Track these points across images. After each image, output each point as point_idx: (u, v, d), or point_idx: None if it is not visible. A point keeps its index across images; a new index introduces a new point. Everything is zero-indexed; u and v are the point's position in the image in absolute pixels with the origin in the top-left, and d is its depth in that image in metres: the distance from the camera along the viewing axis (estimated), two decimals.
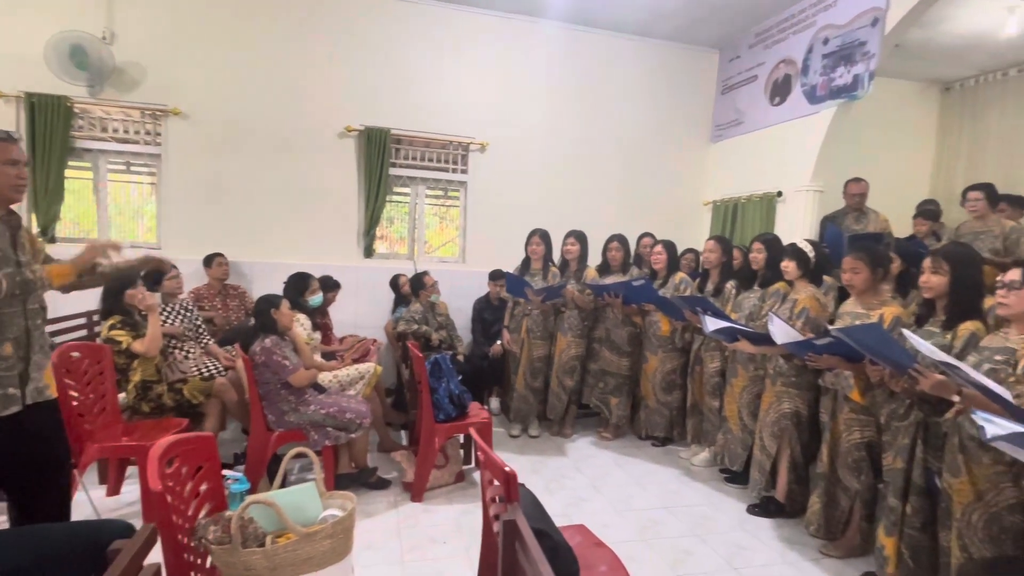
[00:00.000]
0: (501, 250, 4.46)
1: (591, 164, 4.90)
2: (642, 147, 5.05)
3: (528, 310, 3.68)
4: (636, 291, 3.38)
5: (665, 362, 3.56)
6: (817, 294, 2.71)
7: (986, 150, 4.65)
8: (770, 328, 2.45)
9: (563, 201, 4.79)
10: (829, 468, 2.49)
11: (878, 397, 2.31)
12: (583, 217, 4.58)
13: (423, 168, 4.55)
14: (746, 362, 3.02)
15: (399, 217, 4.65)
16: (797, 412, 2.71)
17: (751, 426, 2.99)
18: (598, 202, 4.89)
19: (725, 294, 3.28)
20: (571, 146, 4.84)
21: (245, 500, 1.42)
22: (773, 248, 2.99)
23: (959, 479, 1.83)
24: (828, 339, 2.16)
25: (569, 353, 3.68)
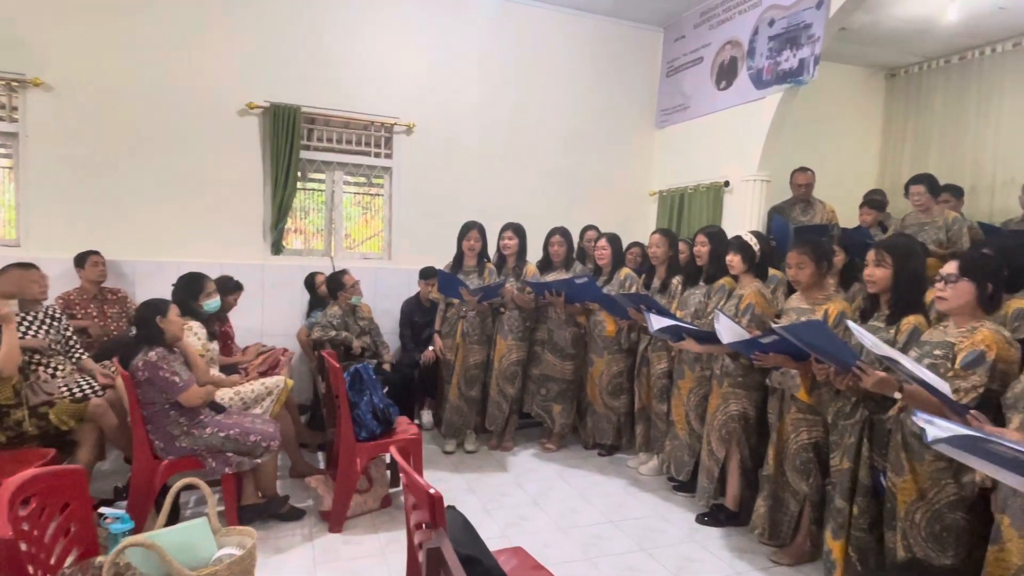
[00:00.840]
0: (432, 245, 4.42)
1: (530, 150, 4.93)
2: (584, 132, 5.10)
3: (463, 312, 3.65)
4: (579, 289, 3.39)
5: (611, 364, 3.59)
6: (763, 289, 2.79)
7: (930, 139, 5.00)
8: (716, 326, 2.50)
9: (500, 190, 4.80)
10: (776, 470, 2.58)
11: (824, 396, 2.39)
12: (522, 208, 4.59)
13: (341, 152, 4.44)
14: (692, 362, 3.08)
15: (315, 208, 4.53)
16: (745, 414, 2.79)
17: (699, 430, 3.05)
18: (538, 192, 4.93)
19: (671, 290, 3.35)
20: (508, 130, 4.85)
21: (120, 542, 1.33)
22: (718, 241, 3.05)
23: (902, 477, 1.93)
24: (773, 337, 2.22)
25: (510, 358, 3.69)
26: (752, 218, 4.19)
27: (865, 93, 5.46)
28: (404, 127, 4.53)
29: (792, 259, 2.48)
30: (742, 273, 2.82)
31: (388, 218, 4.62)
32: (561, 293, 3.49)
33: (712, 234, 3.12)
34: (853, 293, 2.86)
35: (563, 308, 3.62)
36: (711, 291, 3.06)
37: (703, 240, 3.12)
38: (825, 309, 2.41)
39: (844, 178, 5.11)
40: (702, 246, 3.12)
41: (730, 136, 4.49)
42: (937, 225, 3.55)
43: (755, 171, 4.23)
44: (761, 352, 2.36)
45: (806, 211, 4.24)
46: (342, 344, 3.62)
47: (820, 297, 2.48)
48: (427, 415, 4.13)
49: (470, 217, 3.78)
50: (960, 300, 1.84)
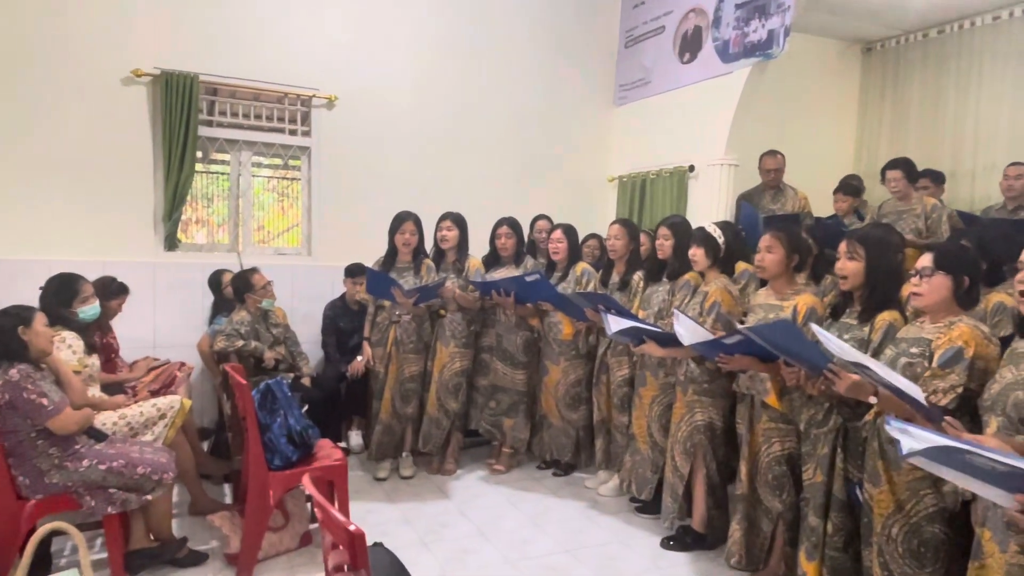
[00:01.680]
0: (360, 239, 4.36)
1: (473, 130, 4.94)
2: (535, 110, 5.12)
3: (396, 315, 3.62)
4: (531, 287, 3.40)
5: (569, 372, 3.62)
6: (729, 286, 2.83)
7: (908, 119, 5.23)
8: (675, 327, 2.52)
9: (439, 176, 4.80)
10: (749, 488, 2.61)
11: (796, 402, 2.44)
12: (464, 196, 4.61)
13: (250, 129, 4.38)
14: (655, 368, 3.12)
15: (220, 195, 4.43)
16: (711, 424, 2.83)
17: (662, 444, 3.08)
18: (482, 178, 4.94)
19: (632, 287, 3.39)
20: (447, 107, 4.85)
21: None
22: (682, 233, 3.08)
23: (879, 488, 1.97)
24: (737, 337, 2.25)
25: (452, 368, 3.67)
26: (719, 206, 4.30)
27: (840, 69, 5.69)
28: (324, 100, 4.47)
29: (763, 241, 2.53)
30: (707, 269, 2.86)
31: (307, 207, 4.57)
32: (510, 292, 3.49)
33: (675, 225, 3.15)
34: (825, 287, 2.96)
35: (513, 309, 3.62)
36: (675, 288, 3.10)
37: (666, 232, 3.15)
38: (794, 305, 2.46)
39: (817, 162, 5.30)
40: (665, 239, 3.15)
41: (695, 115, 4.59)
42: (915, 213, 3.70)
43: (722, 155, 4.34)
44: (726, 354, 2.39)
45: (776, 198, 4.37)
46: (251, 356, 3.57)
47: (789, 292, 2.53)
48: (355, 436, 4.09)
49: (404, 206, 3.75)
50: (935, 296, 1.89)
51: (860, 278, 2.18)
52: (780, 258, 2.50)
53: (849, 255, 2.19)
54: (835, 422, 2.25)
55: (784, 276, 2.54)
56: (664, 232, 3.16)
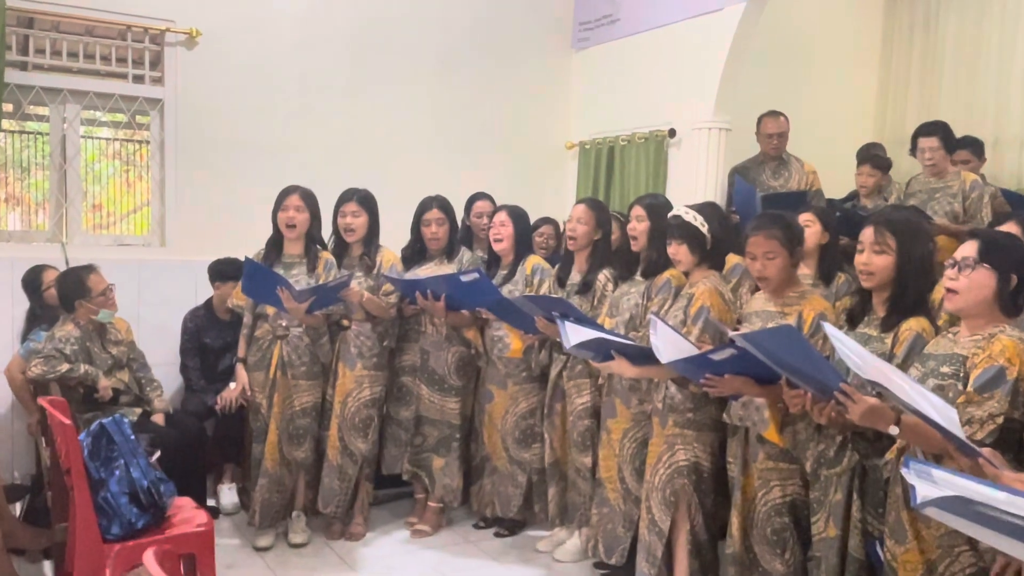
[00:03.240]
0: (232, 224, 4.31)
1: (388, 82, 4.88)
2: (471, 56, 5.09)
3: (283, 327, 3.56)
4: (467, 289, 3.40)
5: (519, 399, 3.62)
6: (720, 286, 2.84)
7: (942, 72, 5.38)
8: (651, 339, 2.51)
9: (342, 141, 4.74)
10: (742, 545, 2.63)
11: (801, 435, 2.45)
12: (376, 168, 4.56)
13: (80, 74, 4.29)
14: (626, 393, 3.10)
15: (38, 163, 4.37)
16: (697, 464, 2.85)
17: (637, 491, 3.07)
18: (401, 144, 4.88)
19: (597, 288, 3.39)
20: (348, 45, 4.79)
21: None
22: (659, 217, 3.07)
23: (904, 546, 2.00)
24: (728, 351, 2.25)
25: (360, 397, 3.64)
26: (707, 181, 4.37)
27: (858, 9, 5.82)
28: (182, 36, 4.39)
29: (757, 247, 2.54)
30: (692, 267, 2.89)
31: (159, 180, 4.48)
32: (439, 295, 3.46)
33: (652, 207, 3.15)
34: (838, 288, 3.03)
35: (443, 318, 3.59)
36: (652, 289, 3.11)
37: (640, 214, 3.15)
38: (799, 312, 2.50)
39: (829, 127, 5.43)
40: (638, 222, 3.15)
41: (676, 64, 4.62)
42: (951, 192, 3.86)
43: (710, 116, 4.38)
44: (713, 374, 2.39)
45: (778, 172, 4.48)
46: (81, 384, 3.49)
47: (792, 295, 2.57)
48: (228, 492, 4.01)
49: (293, 180, 3.69)
50: (975, 295, 1.93)
51: (889, 276, 2.23)
52: (783, 263, 2.53)
53: (877, 247, 2.23)
54: (850, 460, 2.29)
55: (788, 278, 2.59)
56: (638, 214, 3.15)
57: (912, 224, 2.27)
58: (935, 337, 2.13)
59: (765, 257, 2.53)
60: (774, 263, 2.53)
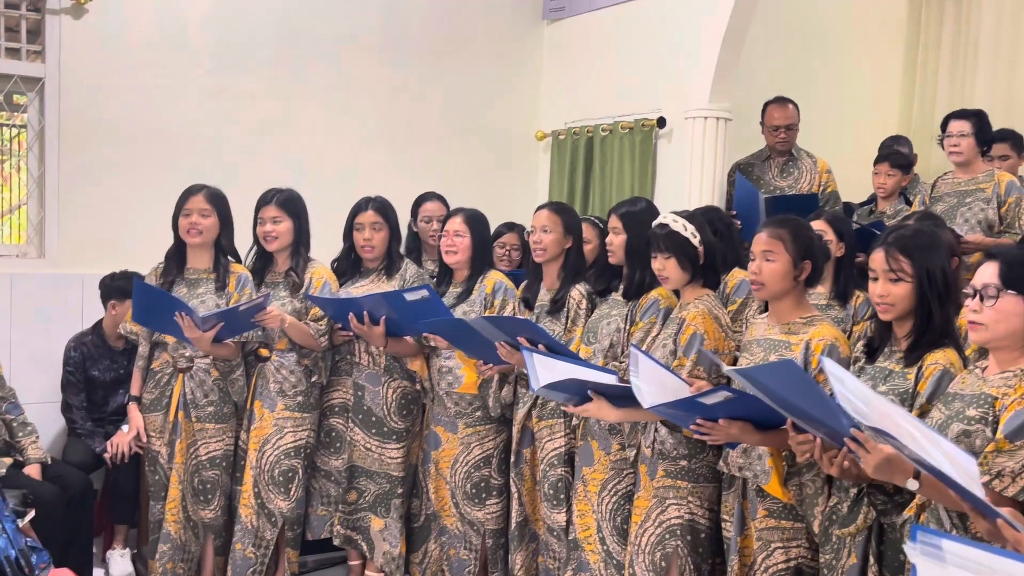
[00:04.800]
0: (128, 230, 4.35)
1: (315, 55, 4.91)
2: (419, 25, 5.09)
3: (186, 359, 3.56)
4: (412, 309, 3.39)
5: (472, 444, 3.63)
6: (715, 308, 2.85)
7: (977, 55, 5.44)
8: (632, 377, 2.52)
9: (260, 130, 4.75)
10: None
11: (809, 488, 2.45)
12: (309, 165, 4.60)
13: None
14: (605, 437, 3.11)
15: None
16: (692, 523, 2.85)
17: (620, 555, 3.07)
18: (334, 134, 4.90)
19: (570, 306, 3.39)
20: (280, 17, 4.81)
21: None
22: (640, 226, 3.08)
23: None
24: (722, 394, 2.26)
25: (281, 443, 3.63)
26: (703, 180, 4.39)
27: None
28: (67, 2, 4.37)
29: (757, 244, 2.57)
30: (682, 285, 2.91)
31: (39, 176, 4.46)
32: (378, 318, 3.46)
33: (630, 216, 3.16)
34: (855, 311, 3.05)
35: (382, 345, 3.58)
36: (636, 311, 3.12)
37: (615, 225, 3.15)
38: (806, 341, 2.50)
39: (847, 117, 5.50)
40: (615, 234, 3.16)
41: (667, 40, 4.65)
42: (984, 195, 3.89)
43: (706, 102, 4.43)
44: (706, 418, 2.40)
45: (787, 170, 4.50)
46: None
47: (799, 321, 2.59)
48: (120, 560, 3.94)
49: (206, 177, 3.71)
50: (1004, 326, 1.93)
51: (909, 305, 2.25)
52: (784, 268, 2.54)
53: (892, 274, 2.25)
54: (866, 518, 2.29)
55: (791, 295, 2.59)
56: (613, 225, 3.16)
57: (926, 239, 2.28)
58: (962, 371, 2.15)
59: (763, 257, 2.55)
60: (771, 267, 2.54)
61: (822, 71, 5.54)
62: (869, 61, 5.86)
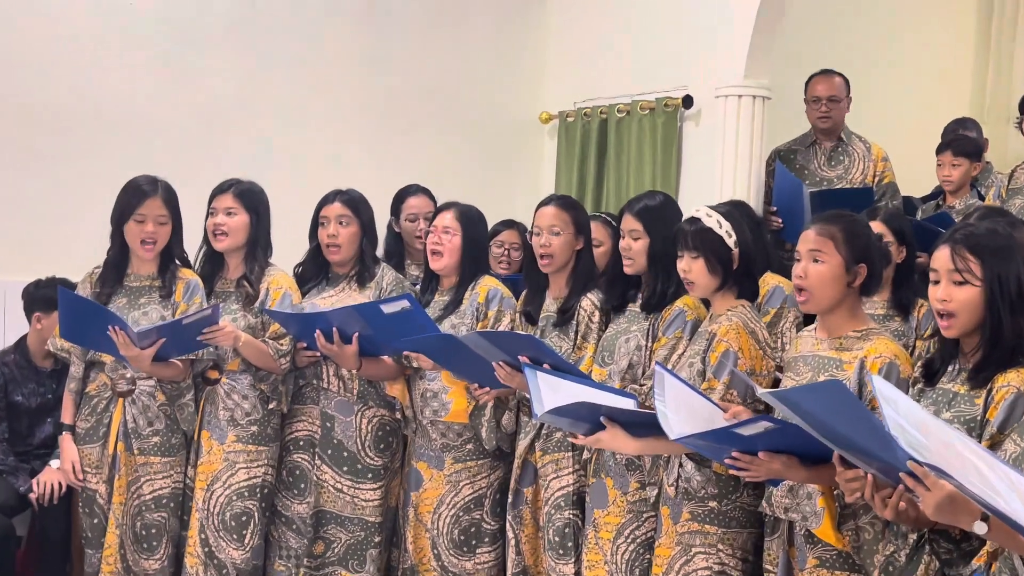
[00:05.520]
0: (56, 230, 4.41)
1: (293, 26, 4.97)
2: None
3: (127, 381, 3.56)
4: (390, 323, 3.41)
5: (461, 483, 3.64)
6: (751, 321, 2.84)
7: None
8: (656, 402, 2.50)
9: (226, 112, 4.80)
10: None
11: (867, 532, 2.44)
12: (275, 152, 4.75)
13: None
14: (622, 471, 3.13)
15: None
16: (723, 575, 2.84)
17: None
18: (312, 117, 4.96)
19: (580, 319, 3.41)
20: None
21: None
22: (664, 226, 3.09)
23: None
24: (763, 424, 2.25)
25: (233, 482, 3.62)
26: (737, 169, 4.37)
27: None
28: None
29: (804, 242, 2.58)
30: (711, 292, 2.89)
31: None
32: (350, 336, 3.47)
33: (651, 211, 3.17)
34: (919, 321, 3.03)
35: (355, 367, 3.59)
36: (658, 325, 3.12)
37: (634, 227, 3.15)
38: (860, 359, 2.49)
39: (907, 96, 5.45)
40: (633, 238, 3.16)
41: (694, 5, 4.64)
42: None
43: (740, 78, 4.41)
44: (744, 451, 2.38)
45: (836, 158, 4.46)
46: None
47: (853, 335, 2.56)
48: None
49: (148, 166, 3.73)
50: None
51: (976, 315, 2.20)
52: (835, 273, 2.53)
53: (956, 275, 2.20)
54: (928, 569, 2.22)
55: (843, 305, 2.58)
56: (631, 227, 3.15)
57: (1001, 240, 2.21)
58: None
59: (810, 258, 2.54)
60: (820, 271, 2.53)
61: (878, 42, 5.51)
62: (934, 30, 5.84)
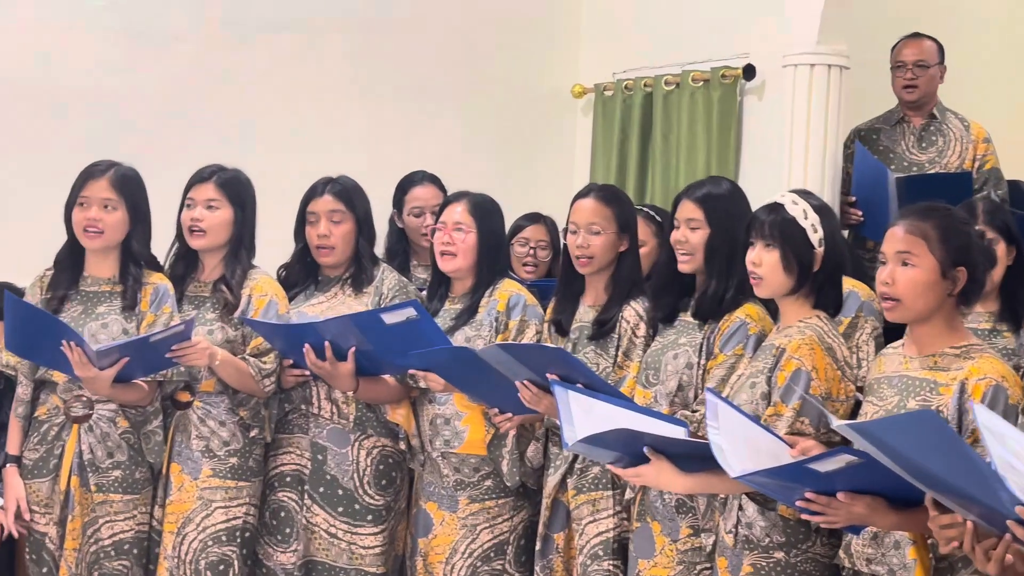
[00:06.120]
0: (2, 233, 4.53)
1: None
2: None
3: (83, 404, 3.55)
4: (393, 336, 3.43)
5: (479, 527, 3.66)
6: (829, 335, 2.82)
7: None
8: (710, 432, 2.49)
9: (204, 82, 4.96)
10: None
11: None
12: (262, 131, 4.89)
13: None
14: (672, 518, 3.14)
15: None
16: None
17: None
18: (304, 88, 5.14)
19: (622, 333, 3.42)
20: None
21: None
22: (728, 216, 3.14)
23: None
24: (844, 458, 2.22)
25: (208, 524, 3.64)
26: (808, 151, 4.35)
27: None
28: None
29: (891, 242, 2.54)
30: (782, 296, 2.86)
31: None
32: (345, 352, 3.47)
33: (719, 201, 3.19)
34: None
35: (352, 389, 3.62)
36: (714, 338, 3.13)
37: (694, 215, 3.17)
38: (960, 381, 2.45)
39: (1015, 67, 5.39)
40: (691, 228, 3.17)
41: None
42: None
43: (813, 43, 4.36)
44: (819, 492, 2.33)
45: (927, 139, 4.41)
46: None
47: (951, 352, 2.54)
48: None
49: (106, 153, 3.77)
50: None
51: None
52: (928, 278, 2.48)
53: None
54: None
55: (938, 316, 2.55)
56: (689, 215, 3.16)
57: None
58: None
59: (898, 260, 2.50)
60: (910, 275, 2.48)
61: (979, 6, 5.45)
62: None
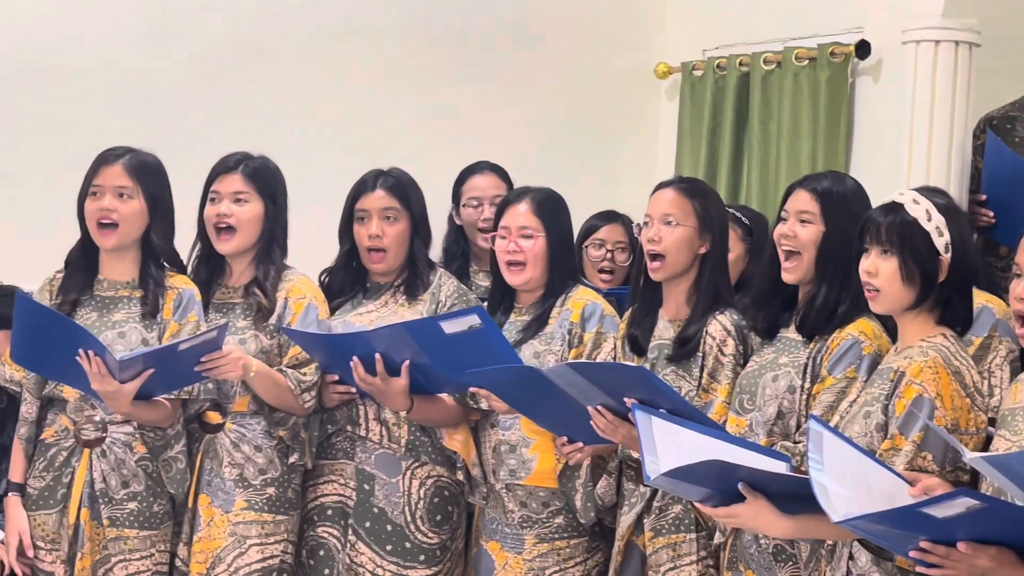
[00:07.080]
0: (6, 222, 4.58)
1: None
2: None
3: (95, 426, 3.63)
4: (451, 349, 3.48)
5: (550, 570, 3.72)
6: (956, 356, 2.79)
7: None
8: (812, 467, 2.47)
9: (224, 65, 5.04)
10: None
11: None
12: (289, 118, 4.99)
13: None
14: (769, 567, 3.19)
15: None
16: None
17: None
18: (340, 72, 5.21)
19: (707, 351, 3.47)
20: None
21: None
22: (844, 215, 3.15)
23: None
24: (965, 501, 2.23)
25: (242, 563, 3.70)
26: (932, 144, 4.39)
27: None
28: None
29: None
30: (904, 311, 2.86)
31: None
32: (398, 366, 3.53)
33: (838, 196, 3.22)
34: None
35: (405, 408, 3.67)
36: (820, 359, 3.15)
37: (807, 208, 3.20)
38: None
39: None
40: (802, 223, 3.22)
41: None
42: None
43: (938, 16, 4.39)
44: (937, 541, 2.32)
45: None
46: None
47: None
48: None
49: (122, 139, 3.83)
50: None
51: None
52: None
53: None
54: None
55: None
56: (801, 207, 3.20)
57: None
58: None
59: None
60: None
61: None
62: None
